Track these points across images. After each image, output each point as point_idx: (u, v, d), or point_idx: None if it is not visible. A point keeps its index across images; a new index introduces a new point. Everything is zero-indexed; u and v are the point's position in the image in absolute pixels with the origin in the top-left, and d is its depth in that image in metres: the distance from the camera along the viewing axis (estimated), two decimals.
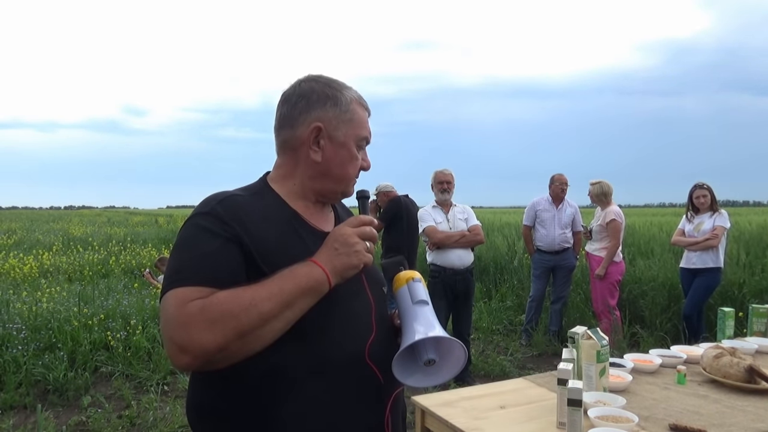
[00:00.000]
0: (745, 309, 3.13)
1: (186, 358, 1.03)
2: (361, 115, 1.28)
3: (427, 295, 1.25)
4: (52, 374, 4.52)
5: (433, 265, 4.76)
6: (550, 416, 1.80)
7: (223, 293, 1.05)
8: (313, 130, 1.23)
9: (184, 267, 1.11)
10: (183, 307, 1.04)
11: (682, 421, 1.73)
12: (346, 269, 1.14)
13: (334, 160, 1.25)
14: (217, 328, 1.02)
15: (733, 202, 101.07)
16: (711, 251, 5.20)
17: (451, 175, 4.89)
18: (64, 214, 42.92)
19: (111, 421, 3.96)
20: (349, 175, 1.27)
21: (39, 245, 13.85)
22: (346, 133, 1.25)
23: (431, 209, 4.86)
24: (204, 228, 1.13)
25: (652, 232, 10.26)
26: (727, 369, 2.10)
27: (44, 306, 5.94)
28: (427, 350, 1.17)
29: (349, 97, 1.27)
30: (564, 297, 6.14)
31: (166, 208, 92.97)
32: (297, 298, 1.08)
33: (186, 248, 1.14)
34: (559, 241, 5.92)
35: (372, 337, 1.20)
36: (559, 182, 5.96)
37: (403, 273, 1.30)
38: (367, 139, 1.29)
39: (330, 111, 1.24)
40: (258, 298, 1.05)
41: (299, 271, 1.10)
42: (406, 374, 1.17)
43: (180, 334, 1.03)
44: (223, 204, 1.17)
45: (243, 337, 1.04)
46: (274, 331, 1.07)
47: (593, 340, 1.94)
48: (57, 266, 10.19)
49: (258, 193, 1.25)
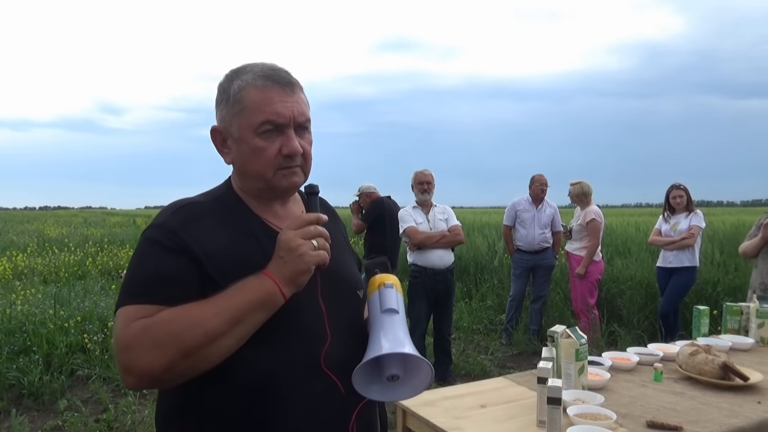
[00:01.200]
0: (720, 307, 3.19)
1: (131, 379, 1.01)
2: (256, 98, 1.12)
3: (399, 303, 1.17)
4: (27, 378, 4.44)
5: (413, 265, 4.77)
6: (530, 414, 1.81)
7: (169, 312, 1.01)
8: (213, 135, 1.19)
9: (132, 284, 1.08)
10: (127, 327, 1.01)
11: (659, 418, 1.76)
12: (296, 276, 1.06)
13: (239, 158, 1.16)
14: (161, 349, 0.98)
15: (708, 203, 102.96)
16: (687, 250, 5.30)
17: (431, 175, 4.90)
18: (39, 215, 42.16)
19: (88, 425, 3.89)
20: (260, 170, 1.13)
21: (13, 246, 13.55)
22: (239, 125, 1.13)
23: (411, 210, 4.87)
24: (154, 242, 1.09)
25: (629, 232, 10.41)
26: (702, 366, 2.14)
27: (19, 308, 5.82)
28: (391, 365, 1.10)
29: (240, 84, 1.13)
30: (543, 296, 6.20)
31: (144, 209, 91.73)
32: (247, 313, 1.02)
33: (135, 264, 1.10)
34: (539, 240, 5.97)
35: (327, 344, 1.12)
36: (539, 183, 6.01)
37: (377, 276, 1.23)
38: (272, 121, 1.11)
39: (223, 108, 1.15)
40: (204, 316, 1.00)
41: (249, 285, 1.04)
42: (367, 386, 1.11)
43: (124, 355, 1.00)
44: (176, 215, 1.12)
45: (189, 356, 0.99)
46: (224, 348, 1.02)
47: (572, 339, 1.96)
48: (32, 268, 9.99)
49: (219, 198, 1.20)
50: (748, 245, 4.04)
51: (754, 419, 1.79)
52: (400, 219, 4.84)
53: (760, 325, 2.76)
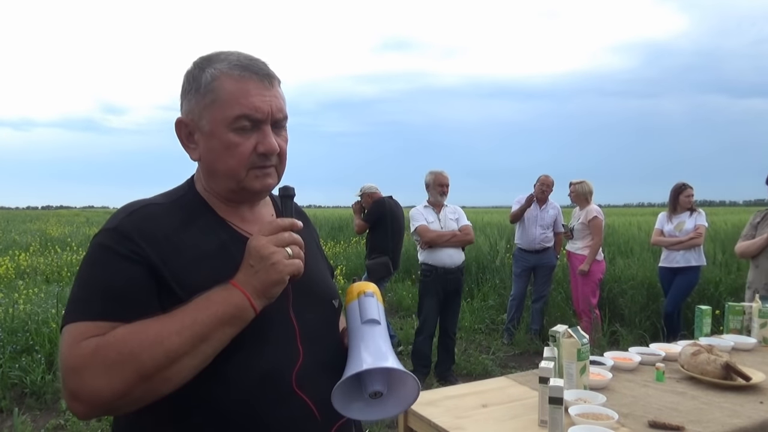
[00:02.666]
0: (722, 307, 3.19)
1: (79, 407, 0.89)
2: (232, 89, 1.01)
3: (380, 313, 1.09)
4: (30, 377, 4.45)
5: (424, 264, 4.78)
6: (531, 414, 1.81)
7: (123, 329, 0.90)
8: (177, 127, 1.07)
9: (81, 297, 0.95)
10: (75, 347, 0.89)
11: (661, 418, 1.75)
12: (268, 288, 0.95)
13: (208, 154, 1.04)
14: (115, 371, 0.87)
15: (710, 202, 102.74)
16: (694, 250, 5.32)
17: (449, 178, 4.95)
18: (42, 214, 42.18)
19: (90, 424, 3.89)
20: (232, 168, 1.02)
21: (15, 246, 13.59)
22: (210, 118, 1.02)
23: (423, 209, 4.86)
24: (106, 248, 0.97)
25: (631, 232, 10.41)
26: (705, 366, 2.13)
27: (21, 308, 5.83)
28: (374, 381, 1.01)
29: (213, 73, 1.02)
30: (545, 296, 6.20)
31: None
32: (213, 329, 0.91)
33: (85, 274, 0.98)
34: (539, 240, 5.97)
35: (299, 363, 1.02)
36: (542, 184, 6.00)
37: (356, 285, 1.14)
38: (249, 116, 1.01)
39: (192, 99, 1.04)
40: (165, 333, 0.89)
41: (216, 298, 0.93)
42: (347, 404, 1.01)
43: (72, 380, 0.88)
44: (132, 217, 1.00)
45: (147, 379, 0.88)
46: (187, 369, 0.91)
47: (574, 339, 1.96)
48: (34, 267, 10.02)
49: (180, 199, 1.08)
50: (749, 245, 4.02)
51: (757, 419, 1.79)
52: (412, 218, 4.84)
53: (763, 324, 2.75)
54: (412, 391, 1.03)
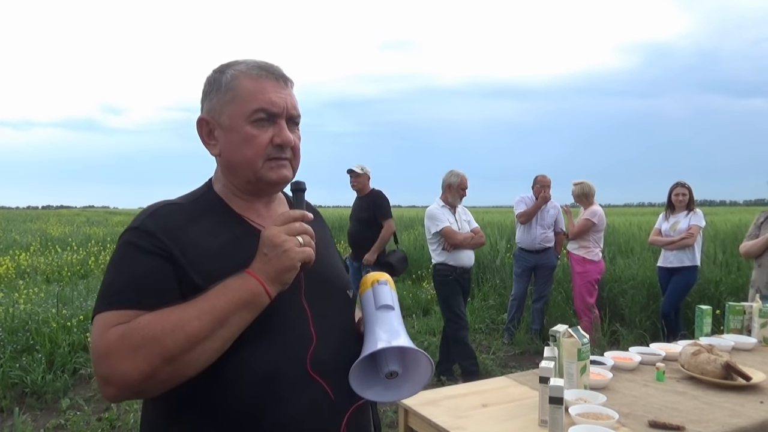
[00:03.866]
0: (722, 307, 3.19)
1: (111, 390, 0.96)
2: (250, 86, 1.10)
3: (393, 300, 1.14)
4: (30, 377, 4.45)
5: (444, 264, 4.71)
6: (532, 414, 1.81)
7: (147, 316, 0.97)
8: (199, 125, 1.16)
9: (109, 289, 1.03)
10: (104, 334, 0.96)
11: (661, 418, 1.76)
12: (281, 274, 1.01)
13: (227, 148, 1.12)
14: (140, 355, 0.93)
15: (710, 202, 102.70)
16: (687, 250, 5.29)
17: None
18: (42, 214, 42.20)
19: (90, 423, 3.90)
20: (249, 159, 1.10)
21: (16, 245, 13.60)
22: (230, 113, 1.10)
23: (441, 209, 4.79)
24: (131, 244, 1.05)
25: (631, 232, 10.40)
26: (705, 366, 2.13)
27: (21, 307, 5.84)
28: (389, 361, 1.06)
29: (233, 73, 1.12)
30: (545, 296, 6.20)
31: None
32: (231, 314, 0.98)
33: (112, 268, 1.06)
34: (540, 240, 5.96)
35: (312, 346, 1.07)
36: (541, 184, 5.99)
37: (370, 275, 1.19)
38: (266, 109, 1.09)
39: (213, 99, 1.13)
40: (185, 319, 0.96)
41: (232, 285, 1.00)
42: (364, 386, 1.06)
43: (102, 365, 0.96)
44: (154, 216, 1.08)
45: (171, 362, 0.95)
46: (208, 352, 0.97)
47: (574, 339, 1.96)
48: (35, 267, 10.03)
49: (199, 199, 1.17)
50: (752, 245, 4.03)
51: (757, 419, 1.79)
52: (434, 218, 4.74)
53: (763, 324, 2.76)
54: (426, 371, 1.07)
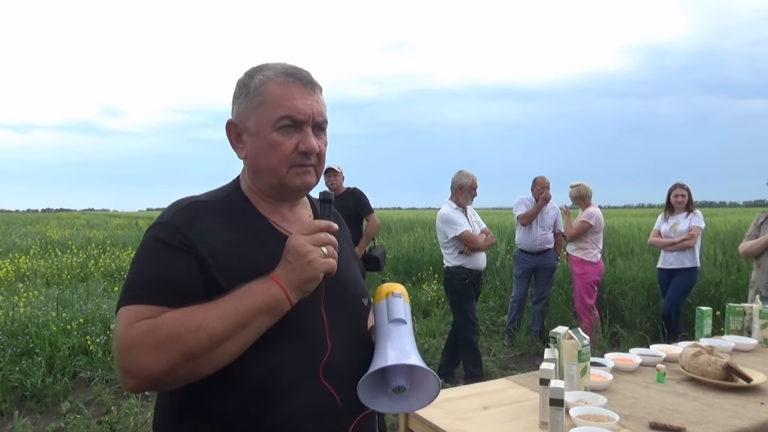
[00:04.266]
0: (722, 308, 3.19)
1: (131, 381, 0.99)
2: (278, 92, 1.11)
3: (406, 313, 1.15)
4: (30, 380, 4.44)
5: (460, 267, 4.64)
6: (532, 416, 1.81)
7: (172, 313, 0.99)
8: (228, 128, 1.17)
9: (135, 283, 1.05)
10: (129, 328, 0.99)
11: (662, 419, 1.75)
12: (304, 283, 1.03)
13: (253, 152, 1.14)
14: (163, 351, 0.96)
15: (710, 203, 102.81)
16: (688, 251, 5.29)
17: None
18: (42, 217, 42.21)
19: (90, 427, 3.89)
20: (274, 165, 1.12)
21: (15, 248, 13.58)
22: (257, 119, 1.12)
23: (455, 211, 4.70)
24: (159, 240, 1.07)
25: (631, 233, 10.39)
26: (705, 367, 2.13)
27: (21, 311, 5.83)
28: (398, 377, 1.07)
29: (261, 78, 1.12)
30: (545, 297, 6.20)
31: (146, 211, 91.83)
32: (252, 318, 1.00)
33: (139, 262, 1.08)
34: (540, 242, 5.97)
35: (327, 354, 1.09)
36: (540, 185, 6.00)
37: (385, 286, 1.21)
38: (291, 117, 1.10)
39: (242, 102, 1.14)
40: (208, 319, 0.98)
41: (256, 289, 1.01)
42: (372, 398, 1.08)
43: (125, 357, 0.98)
44: (183, 212, 1.10)
45: (192, 360, 0.97)
46: (227, 353, 1.00)
47: (574, 340, 1.96)
48: (34, 270, 10.00)
49: (225, 198, 1.17)
50: (751, 244, 4.03)
51: (758, 420, 1.79)
52: (452, 221, 4.64)
53: (764, 325, 2.75)
54: (433, 389, 1.09)
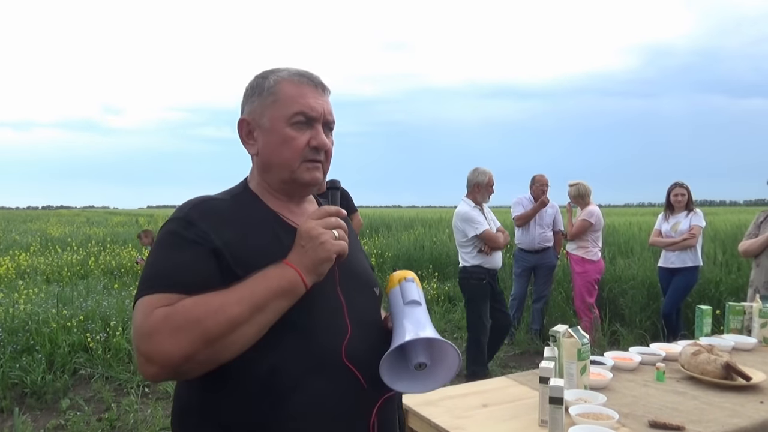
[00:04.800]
0: (722, 307, 3.19)
1: (153, 368, 1.00)
2: (291, 91, 1.18)
3: (420, 296, 1.18)
4: (30, 377, 4.45)
5: (479, 267, 4.59)
6: (532, 414, 1.81)
7: (191, 299, 1.02)
8: (240, 126, 1.22)
9: (152, 274, 1.08)
10: (148, 315, 1.01)
11: (661, 418, 1.76)
12: (317, 265, 1.07)
13: (266, 148, 1.19)
14: (182, 335, 0.98)
15: (710, 202, 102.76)
16: (689, 250, 5.29)
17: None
18: (42, 214, 42.16)
19: (90, 424, 3.90)
20: (287, 159, 1.18)
21: (16, 246, 13.60)
22: (271, 116, 1.18)
23: (474, 209, 4.65)
24: (175, 233, 1.11)
25: (631, 232, 10.40)
26: (705, 366, 2.13)
27: (21, 308, 5.83)
28: (418, 353, 1.11)
29: (275, 78, 1.19)
30: (545, 296, 6.20)
31: (146, 208, 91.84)
32: (269, 301, 1.03)
33: (156, 255, 1.12)
34: (539, 240, 5.97)
35: (347, 337, 1.13)
36: (540, 183, 6.00)
37: (397, 273, 1.25)
38: (305, 113, 1.17)
39: (255, 101, 1.20)
40: (226, 303, 1.01)
41: (271, 273, 1.06)
42: (395, 378, 1.10)
43: (145, 343, 1.00)
44: (197, 208, 1.15)
45: (211, 344, 0.99)
46: (246, 337, 1.02)
47: (574, 339, 1.96)
48: (34, 267, 10.01)
49: (236, 196, 1.23)
50: (751, 243, 4.03)
51: (757, 419, 1.79)
52: (472, 220, 4.58)
53: (763, 324, 2.76)
54: (454, 362, 1.11)
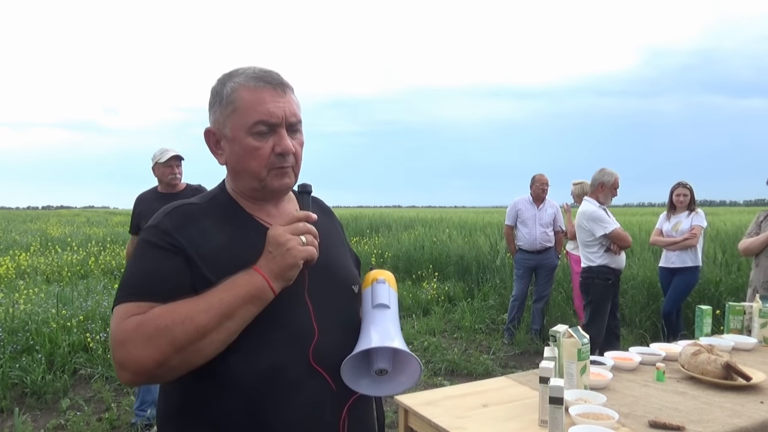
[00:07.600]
0: (722, 307, 3.19)
1: (127, 374, 1.03)
2: (249, 98, 1.14)
3: (391, 299, 1.18)
4: (30, 377, 4.45)
5: (605, 267, 4.55)
6: (532, 414, 1.81)
7: (160, 308, 1.04)
8: (206, 136, 1.22)
9: (127, 283, 1.11)
10: (121, 324, 1.04)
11: (661, 418, 1.75)
12: (284, 271, 1.08)
13: (232, 157, 1.18)
14: (153, 343, 1.01)
15: (710, 202, 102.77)
16: (690, 250, 5.28)
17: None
18: (42, 214, 42.14)
19: (90, 423, 3.90)
20: (254, 169, 1.16)
21: (16, 246, 13.60)
22: (232, 126, 1.15)
23: (600, 209, 4.58)
24: (148, 242, 1.13)
25: (631, 232, 10.38)
26: (705, 366, 2.13)
27: (21, 308, 5.83)
28: (380, 359, 1.12)
29: (232, 86, 1.16)
30: (546, 296, 6.20)
31: None
32: (237, 308, 1.04)
33: (132, 263, 1.14)
34: (541, 240, 5.97)
35: (314, 340, 1.13)
36: (540, 182, 6.01)
37: (372, 272, 1.25)
38: (265, 121, 1.14)
39: (217, 111, 1.18)
40: (194, 311, 1.03)
41: (240, 280, 1.07)
42: (356, 379, 1.12)
43: (118, 351, 1.03)
44: (170, 215, 1.16)
45: (181, 351, 1.02)
46: (216, 343, 1.04)
47: (574, 339, 1.96)
48: (35, 267, 10.01)
49: (213, 199, 1.23)
50: (751, 242, 4.03)
51: (757, 419, 1.79)
52: (601, 219, 4.50)
53: (763, 324, 2.75)
54: (415, 373, 1.13)
